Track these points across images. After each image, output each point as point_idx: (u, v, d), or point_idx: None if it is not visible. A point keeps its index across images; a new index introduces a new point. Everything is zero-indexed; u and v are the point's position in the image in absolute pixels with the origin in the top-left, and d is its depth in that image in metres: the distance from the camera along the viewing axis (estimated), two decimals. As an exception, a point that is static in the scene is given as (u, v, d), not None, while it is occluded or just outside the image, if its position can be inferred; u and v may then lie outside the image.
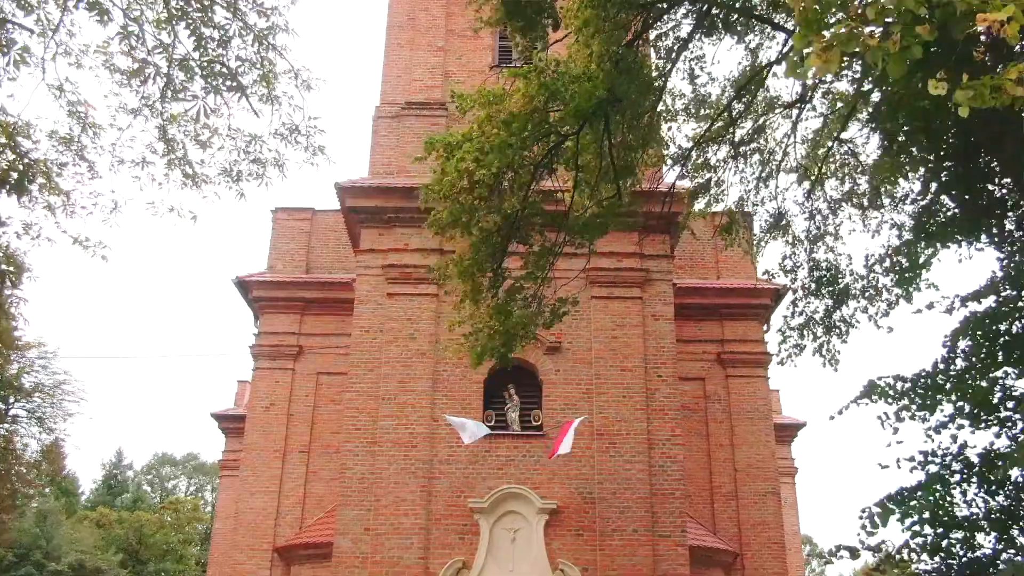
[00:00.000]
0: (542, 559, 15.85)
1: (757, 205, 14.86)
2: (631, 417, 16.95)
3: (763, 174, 14.67)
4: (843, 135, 13.71)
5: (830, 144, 13.89)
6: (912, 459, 8.60)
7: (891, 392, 8.42)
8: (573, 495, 16.41)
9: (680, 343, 19.34)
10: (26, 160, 10.18)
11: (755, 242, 15.45)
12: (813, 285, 13.16)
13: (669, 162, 14.40)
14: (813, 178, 13.89)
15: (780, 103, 14.40)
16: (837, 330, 12.85)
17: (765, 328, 23.30)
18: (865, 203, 13.09)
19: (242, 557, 20.43)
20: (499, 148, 10.24)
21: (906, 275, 11.01)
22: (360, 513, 16.26)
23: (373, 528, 16.10)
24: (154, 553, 52.96)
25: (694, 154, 14.30)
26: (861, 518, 7.80)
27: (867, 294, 12.13)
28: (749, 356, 22.56)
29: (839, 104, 13.48)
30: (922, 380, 8.55)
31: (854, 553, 7.76)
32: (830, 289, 12.87)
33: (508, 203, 11.19)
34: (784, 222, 14.43)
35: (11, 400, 30.09)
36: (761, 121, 14.56)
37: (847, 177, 13.98)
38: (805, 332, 12.96)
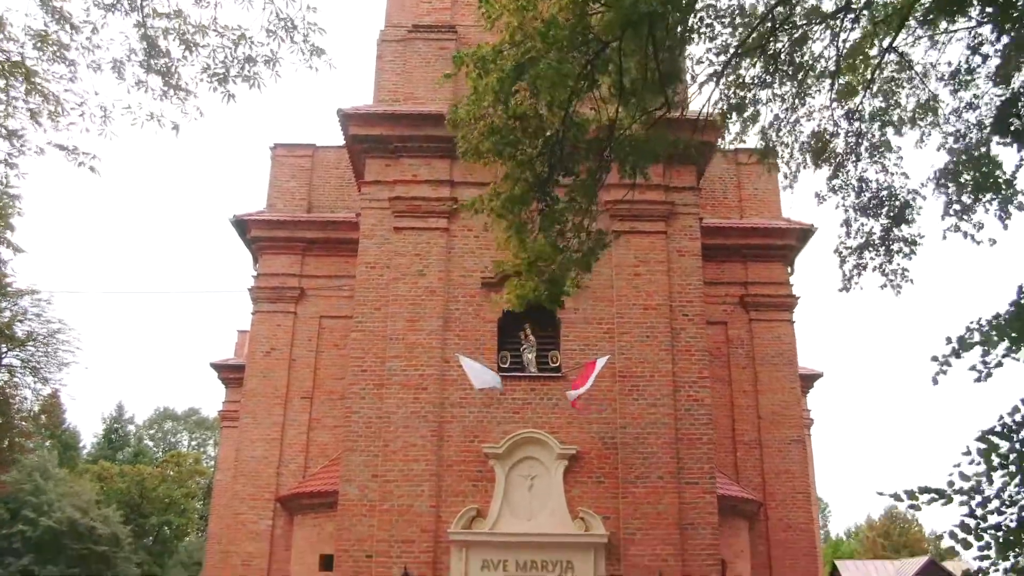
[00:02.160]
0: (561, 507, 14.91)
1: (794, 125, 13.65)
2: (655, 358, 15.91)
3: (801, 91, 13.44)
4: (894, 43, 12.45)
5: (877, 55, 12.64)
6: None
7: (993, 335, 7.24)
8: (594, 440, 15.42)
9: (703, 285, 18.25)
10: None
11: (793, 167, 14.25)
12: (867, 204, 11.97)
13: (702, 78, 13.14)
14: (860, 90, 12.64)
15: (821, 13, 13.13)
16: (900, 249, 11.70)
17: (790, 270, 22.20)
18: (921, 113, 11.86)
19: (243, 507, 19.53)
20: (546, 70, 8.94)
21: (990, 180, 9.84)
22: (367, 459, 15.30)
23: (381, 474, 15.14)
24: (156, 507, 52.45)
25: (727, 71, 13.06)
26: (969, 452, 6.67)
27: (953, 205, 10.90)
28: (774, 299, 21.50)
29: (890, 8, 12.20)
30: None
31: (944, 496, 6.66)
32: (887, 208, 11.69)
33: (548, 124, 9.95)
34: (826, 141, 13.19)
35: (3, 349, 29.08)
36: (800, 33, 13.30)
37: (897, 90, 12.73)
38: (865, 253, 11.79)
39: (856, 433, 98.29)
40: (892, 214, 11.50)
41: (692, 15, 11.23)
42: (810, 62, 13.57)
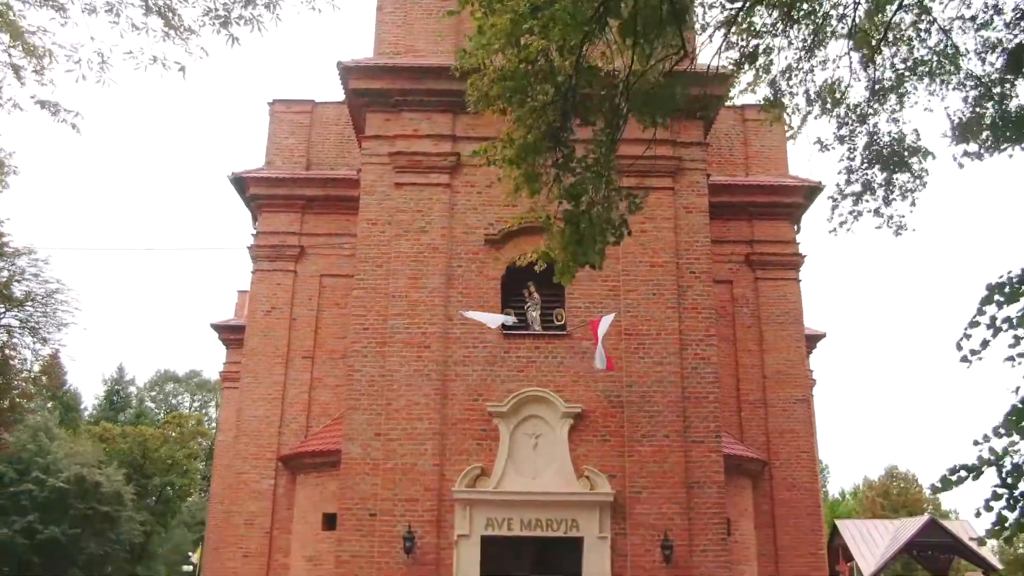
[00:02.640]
0: (566, 466, 14.77)
1: (807, 74, 13.27)
2: (661, 316, 15.68)
3: (817, 39, 13.05)
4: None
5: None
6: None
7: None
8: (599, 399, 15.25)
9: (708, 242, 17.96)
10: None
11: (799, 118, 13.88)
12: (874, 154, 11.66)
13: (714, 25, 12.73)
14: (876, 40, 12.26)
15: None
16: (902, 193, 11.42)
17: (796, 228, 21.91)
18: (939, 62, 11.50)
19: (245, 467, 19.43)
20: (561, 11, 8.49)
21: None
22: (370, 417, 15.13)
23: (384, 433, 14.99)
24: (158, 467, 52.60)
25: (741, 18, 12.65)
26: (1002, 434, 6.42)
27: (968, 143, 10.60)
28: (780, 257, 21.24)
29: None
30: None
31: (974, 472, 6.42)
32: (895, 158, 11.38)
33: (559, 70, 9.54)
34: (838, 91, 12.83)
35: (2, 309, 28.85)
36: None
37: (915, 38, 12.34)
38: (864, 198, 11.51)
39: (856, 394, 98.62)
40: (898, 159, 11.19)
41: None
42: (829, 9, 13.16)
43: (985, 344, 7.06)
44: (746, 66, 13.22)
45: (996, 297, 7.06)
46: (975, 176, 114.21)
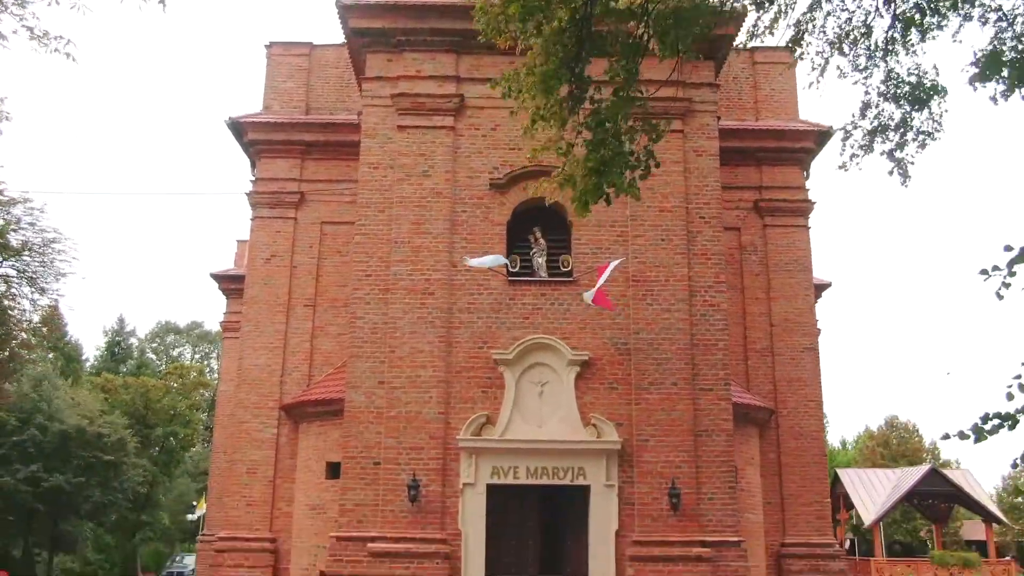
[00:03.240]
0: (573, 414, 14.56)
1: (828, 15, 12.76)
2: (670, 262, 15.35)
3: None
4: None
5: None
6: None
7: None
8: (606, 346, 14.98)
9: (717, 188, 17.54)
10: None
11: (821, 60, 13.40)
12: (892, 90, 11.21)
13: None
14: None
15: None
16: (917, 138, 11.02)
17: (806, 174, 21.49)
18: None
19: (247, 416, 19.26)
20: None
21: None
22: (373, 365, 14.88)
23: (388, 381, 14.75)
24: (161, 418, 52.71)
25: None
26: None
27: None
28: (789, 204, 20.86)
29: None
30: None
31: (1010, 420, 6.11)
32: (912, 96, 10.94)
33: None
34: (861, 30, 12.33)
35: (-1, 259, 28.46)
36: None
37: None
38: (877, 138, 11.10)
39: (857, 344, 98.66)
40: (916, 97, 10.74)
41: None
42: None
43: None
44: (767, 4, 12.72)
45: None
46: (987, 124, 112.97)
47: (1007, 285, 6.68)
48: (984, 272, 6.74)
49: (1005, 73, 10.56)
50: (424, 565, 13.85)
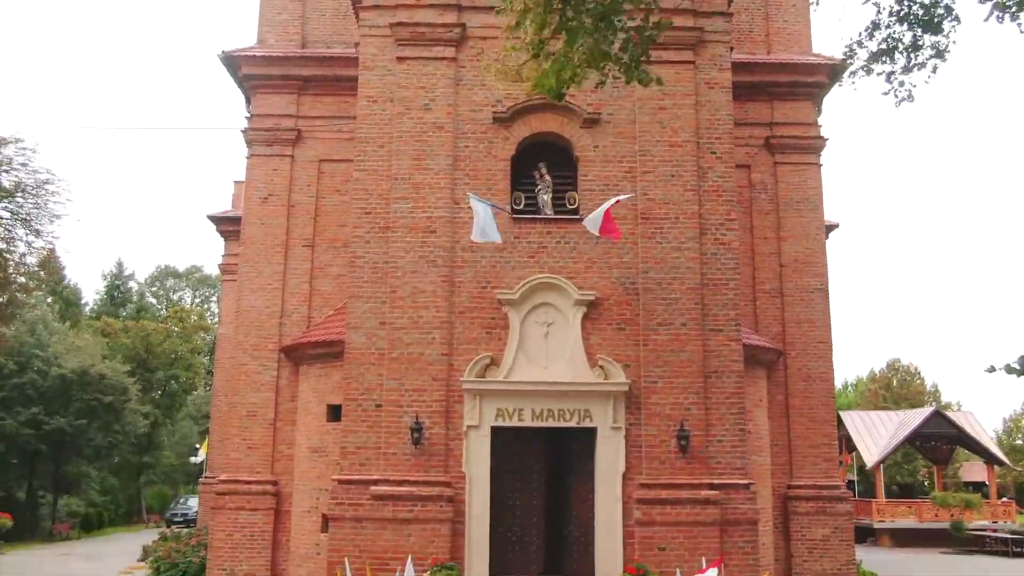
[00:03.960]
0: (579, 355, 14.19)
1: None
2: (680, 199, 14.84)
3: None
4: None
5: None
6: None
7: None
8: (614, 285, 14.55)
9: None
10: None
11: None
12: (905, 10, 10.59)
13: None
14: None
15: None
16: (926, 63, 10.47)
17: (818, 111, 20.83)
18: None
19: (246, 358, 18.92)
20: None
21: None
22: (374, 306, 14.47)
23: (389, 322, 14.35)
24: (162, 362, 52.66)
25: None
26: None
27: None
28: (800, 140, 20.24)
29: None
30: None
31: None
32: (925, 18, 10.34)
33: None
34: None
35: (-9, 200, 27.94)
36: None
37: None
38: (881, 58, 10.54)
39: (860, 287, 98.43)
40: (929, 20, 10.16)
41: None
42: None
43: None
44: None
45: None
46: (1003, 61, 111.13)
47: None
48: None
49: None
50: (427, 508, 13.62)
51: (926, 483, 53.75)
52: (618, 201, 13.58)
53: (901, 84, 10.92)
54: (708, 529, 13.59)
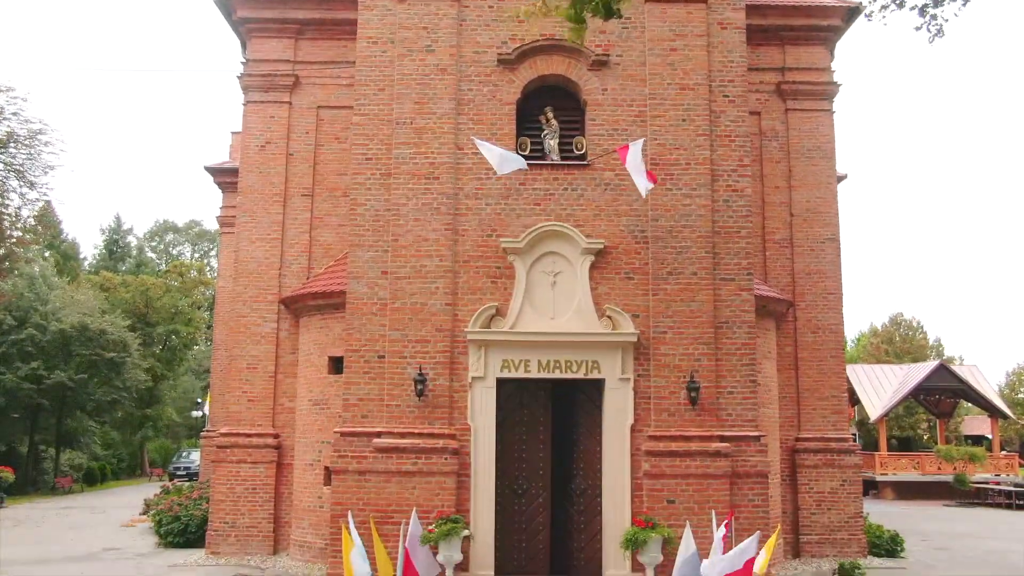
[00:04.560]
0: (587, 305, 13.81)
1: None
2: (691, 144, 14.35)
3: None
4: None
5: None
6: None
7: None
8: (622, 234, 14.13)
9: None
10: None
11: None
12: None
13: None
14: None
15: None
16: None
17: (832, 55, 20.20)
18: None
19: (246, 310, 18.57)
20: None
21: None
22: (376, 255, 14.06)
23: (392, 271, 13.95)
24: (162, 316, 52.38)
25: None
26: None
27: None
28: (813, 87, 19.68)
29: None
30: None
31: None
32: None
33: None
34: None
35: (-17, 151, 27.36)
36: None
37: None
38: None
39: (864, 239, 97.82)
40: None
41: None
42: None
43: None
44: None
45: None
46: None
47: None
48: None
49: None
50: (432, 460, 13.35)
51: (925, 437, 53.82)
52: (638, 149, 13.05)
53: (934, 18, 10.41)
54: (718, 482, 13.33)
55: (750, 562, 11.57)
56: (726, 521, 12.45)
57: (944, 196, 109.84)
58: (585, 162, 14.31)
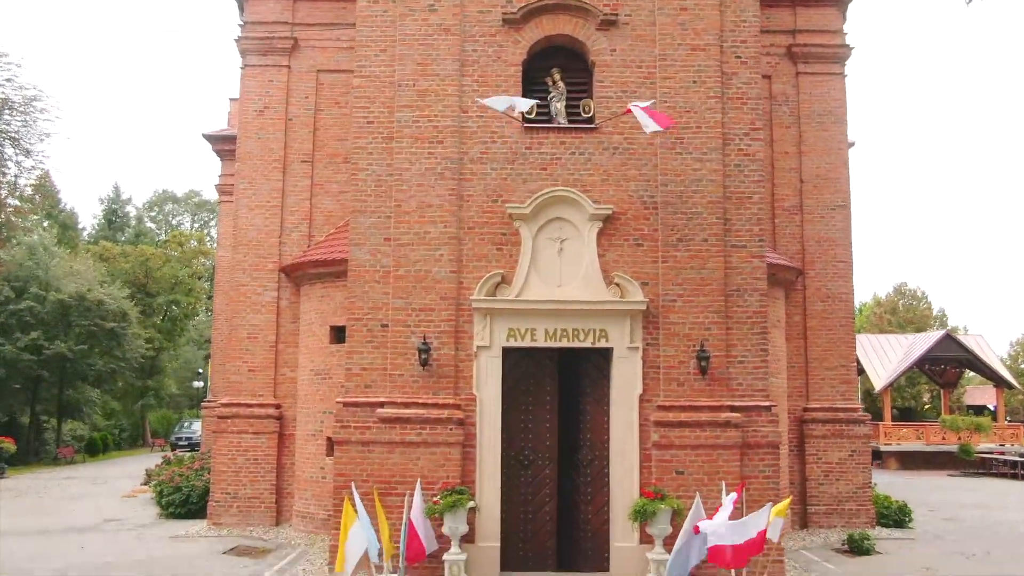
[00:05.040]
0: (594, 272, 13.46)
1: None
2: (702, 107, 13.91)
3: None
4: None
5: None
6: None
7: None
8: (631, 199, 13.74)
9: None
10: None
11: None
12: None
13: None
14: None
15: None
16: None
17: (844, 17, 19.71)
18: None
19: (245, 279, 18.27)
20: None
21: None
22: (378, 221, 13.69)
23: (394, 238, 13.60)
24: (162, 287, 52.12)
25: None
26: None
27: None
28: (825, 49, 19.29)
29: None
30: None
31: None
32: None
33: None
34: None
35: (-22, 118, 26.91)
36: None
37: None
38: None
39: (870, 208, 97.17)
40: None
41: None
42: None
43: None
44: None
45: None
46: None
47: None
48: None
49: None
50: (437, 431, 13.08)
51: (926, 407, 53.70)
52: (634, 107, 12.63)
53: None
54: (728, 452, 13.05)
55: (762, 534, 11.35)
56: (736, 491, 12.22)
57: (950, 165, 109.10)
58: (593, 125, 13.89)
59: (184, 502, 19.15)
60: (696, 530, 11.57)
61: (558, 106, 14.08)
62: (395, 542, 12.00)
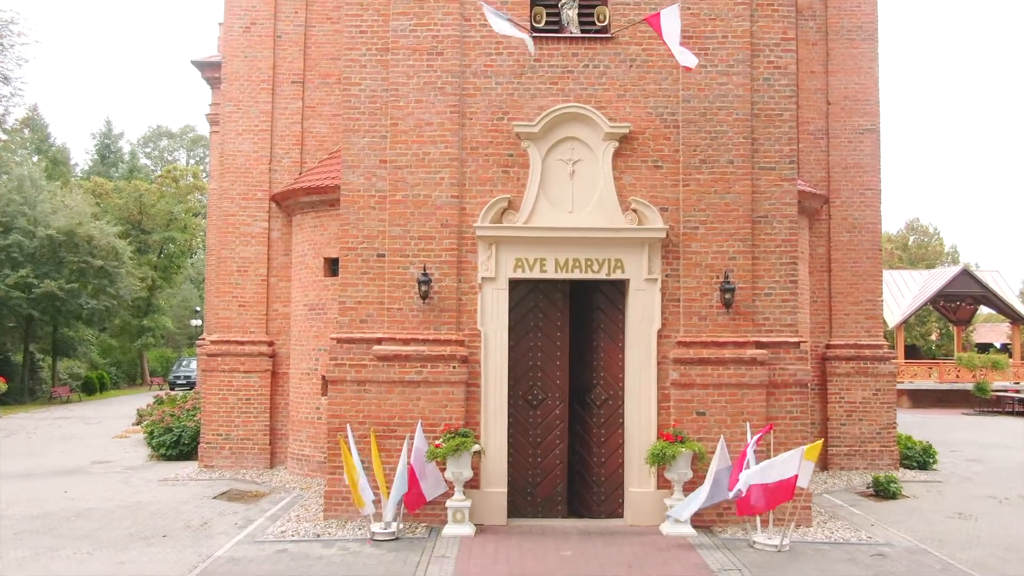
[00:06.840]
0: (609, 197, 12.32)
1: None
2: (729, 14, 12.60)
3: None
4: None
5: None
6: None
7: None
8: (650, 116, 12.52)
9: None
10: None
11: None
12: None
13: None
14: None
15: None
16: None
17: (876, -77, 18.19)
18: None
19: (234, 208, 17.14)
20: None
21: None
22: (373, 141, 12.50)
23: (391, 160, 12.43)
24: (157, 223, 50.90)
25: None
26: None
27: None
28: (856, -42, 17.76)
29: None
30: None
31: None
32: None
33: None
34: None
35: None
36: None
37: None
38: None
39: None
40: None
41: None
42: None
43: None
44: None
45: None
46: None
47: None
48: None
49: None
50: (438, 369, 12.09)
51: (936, 345, 52.88)
52: (673, 16, 11.28)
53: None
54: (753, 392, 12.08)
55: (793, 479, 10.44)
56: (760, 433, 11.29)
57: (965, 102, 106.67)
58: (608, 35, 12.60)
59: (175, 443, 18.33)
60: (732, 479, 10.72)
61: (570, 14, 12.77)
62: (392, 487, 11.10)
